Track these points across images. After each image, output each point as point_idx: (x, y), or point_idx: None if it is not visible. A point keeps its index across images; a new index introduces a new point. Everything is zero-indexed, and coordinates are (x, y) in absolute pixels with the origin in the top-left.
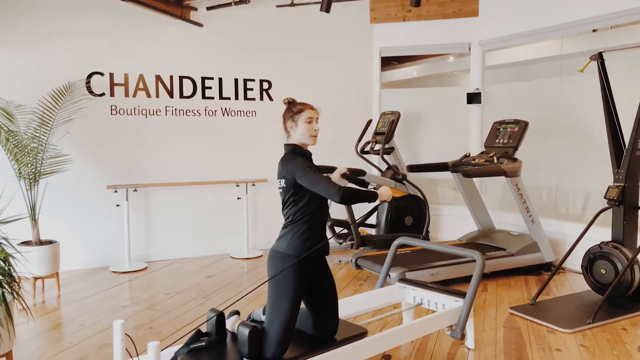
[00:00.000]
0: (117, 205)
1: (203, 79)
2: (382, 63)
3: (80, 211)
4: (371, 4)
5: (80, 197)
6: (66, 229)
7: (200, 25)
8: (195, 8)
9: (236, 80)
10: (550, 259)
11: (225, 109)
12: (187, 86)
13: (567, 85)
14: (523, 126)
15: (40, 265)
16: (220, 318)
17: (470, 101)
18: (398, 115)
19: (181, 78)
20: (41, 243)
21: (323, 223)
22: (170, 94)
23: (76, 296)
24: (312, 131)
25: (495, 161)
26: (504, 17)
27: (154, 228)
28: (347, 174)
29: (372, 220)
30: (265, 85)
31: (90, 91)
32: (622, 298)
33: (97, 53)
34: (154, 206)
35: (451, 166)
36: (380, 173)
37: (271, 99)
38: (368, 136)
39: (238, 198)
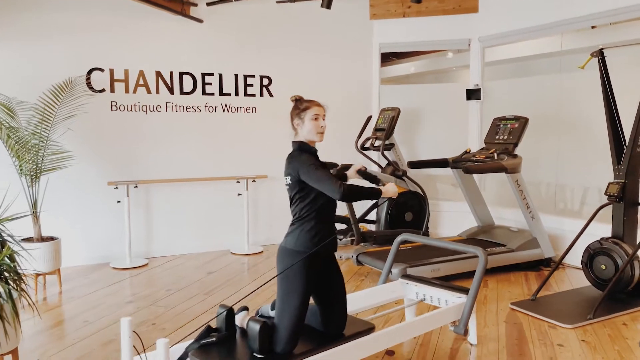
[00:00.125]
0: (118, 201)
1: (203, 75)
2: (381, 59)
3: (80, 207)
4: (371, 0)
5: (81, 194)
6: (67, 225)
7: (200, 21)
8: (195, 4)
9: (236, 76)
10: (549, 255)
11: (225, 105)
12: (187, 82)
13: (567, 81)
14: (523, 122)
15: (42, 261)
16: (230, 314)
17: (469, 97)
18: (398, 111)
19: (181, 74)
20: (43, 239)
21: (330, 219)
22: (170, 90)
23: (78, 292)
24: (319, 128)
25: (495, 157)
26: (504, 14)
27: (155, 224)
28: (362, 171)
29: (372, 216)
30: (265, 81)
31: (90, 87)
32: (622, 293)
33: (97, 49)
34: (155, 202)
35: (451, 162)
36: (380, 169)
37: (271, 95)
38: (368, 132)
39: (238, 194)
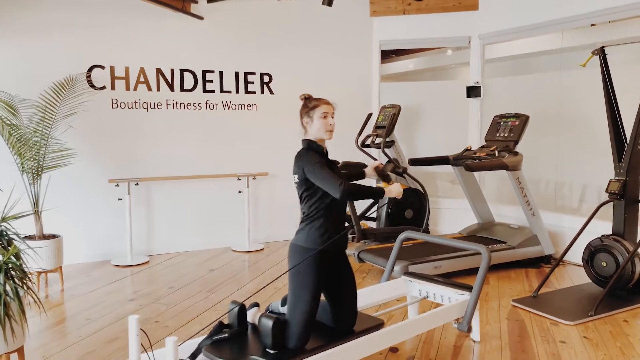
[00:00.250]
0: (119, 199)
1: (204, 73)
2: (380, 56)
3: (81, 205)
4: None
5: (81, 191)
6: (68, 223)
7: (201, 18)
8: (196, 1)
9: (237, 73)
10: (549, 252)
11: (226, 103)
12: (188, 79)
13: (567, 79)
14: (524, 120)
15: (44, 259)
16: (241, 310)
17: (469, 95)
18: (399, 108)
19: (182, 71)
20: (44, 237)
21: (340, 216)
22: (171, 88)
23: (80, 290)
24: (328, 126)
25: (496, 155)
26: (504, 11)
27: (156, 222)
28: (379, 168)
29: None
30: (265, 78)
31: (91, 84)
32: (623, 290)
33: (98, 46)
34: (156, 200)
35: (452, 160)
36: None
37: (272, 93)
38: (368, 130)
39: (239, 191)
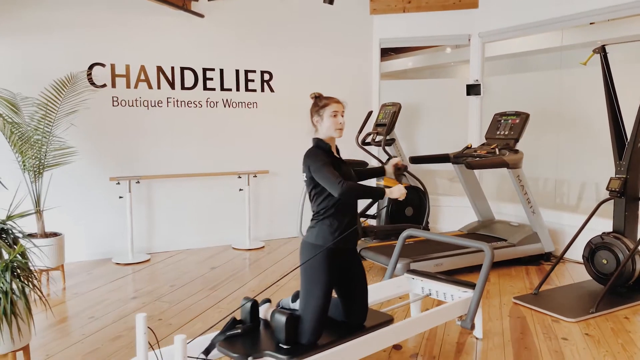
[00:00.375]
0: (120, 197)
1: (204, 70)
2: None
3: (83, 203)
4: None
5: (83, 189)
6: (69, 221)
7: (201, 16)
8: None
9: (237, 71)
10: (550, 249)
11: (226, 100)
12: (189, 77)
13: (567, 77)
14: (524, 118)
15: (46, 257)
16: (254, 306)
17: (469, 93)
18: (399, 106)
19: (182, 69)
20: (46, 235)
21: (350, 213)
22: (171, 85)
23: (82, 288)
24: (337, 124)
25: (497, 153)
26: (504, 9)
27: (157, 220)
28: (398, 166)
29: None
30: (266, 76)
31: (91, 82)
32: (623, 288)
33: (98, 44)
34: (156, 198)
35: (453, 158)
36: (381, 165)
37: (272, 90)
38: (368, 127)
39: (240, 189)
